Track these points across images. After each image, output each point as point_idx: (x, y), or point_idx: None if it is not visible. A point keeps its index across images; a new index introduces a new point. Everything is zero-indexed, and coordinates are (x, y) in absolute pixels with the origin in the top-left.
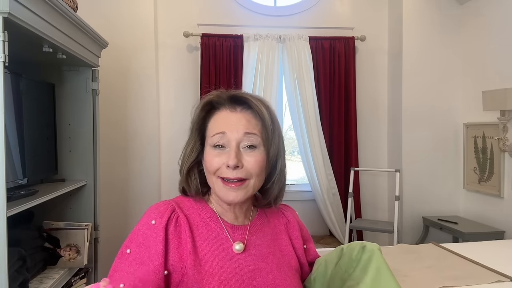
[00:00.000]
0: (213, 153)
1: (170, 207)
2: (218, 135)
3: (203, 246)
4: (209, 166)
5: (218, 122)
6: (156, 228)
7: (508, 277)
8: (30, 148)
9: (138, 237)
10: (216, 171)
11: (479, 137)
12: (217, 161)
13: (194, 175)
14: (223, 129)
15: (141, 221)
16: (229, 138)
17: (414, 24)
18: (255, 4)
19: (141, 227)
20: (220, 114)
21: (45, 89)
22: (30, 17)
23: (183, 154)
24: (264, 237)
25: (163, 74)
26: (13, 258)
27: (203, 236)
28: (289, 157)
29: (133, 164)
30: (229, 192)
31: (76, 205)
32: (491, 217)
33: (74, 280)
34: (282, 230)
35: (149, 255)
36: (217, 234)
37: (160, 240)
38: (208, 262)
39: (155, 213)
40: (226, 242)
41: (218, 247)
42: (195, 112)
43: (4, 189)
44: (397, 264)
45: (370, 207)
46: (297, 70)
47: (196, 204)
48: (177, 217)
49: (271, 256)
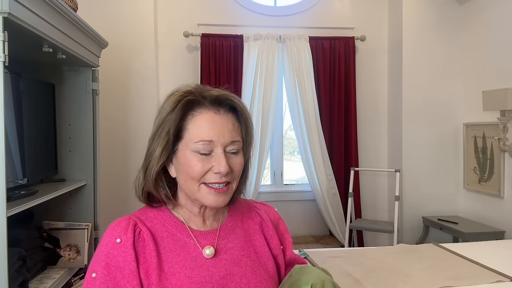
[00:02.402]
0: (197, 158)
1: (132, 221)
2: (203, 143)
3: (169, 258)
4: (192, 172)
5: (203, 126)
6: (123, 246)
7: (508, 277)
8: (30, 148)
9: (102, 259)
10: (200, 178)
11: (479, 137)
12: (202, 166)
13: (161, 180)
14: (210, 137)
15: (102, 241)
16: (215, 145)
17: (414, 24)
18: (255, 4)
19: (104, 248)
20: (202, 116)
21: (45, 89)
22: (30, 17)
23: (150, 156)
24: (236, 239)
25: (163, 74)
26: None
27: (168, 247)
28: (289, 157)
29: (133, 164)
30: (216, 198)
31: (76, 205)
32: (491, 217)
33: (74, 280)
34: (256, 230)
35: (122, 276)
36: (184, 243)
37: (132, 259)
38: (175, 274)
39: (117, 231)
40: (194, 250)
41: (185, 257)
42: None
43: (4, 189)
44: (397, 264)
45: (370, 207)
46: (297, 70)
47: (159, 214)
48: (140, 231)
49: (245, 259)
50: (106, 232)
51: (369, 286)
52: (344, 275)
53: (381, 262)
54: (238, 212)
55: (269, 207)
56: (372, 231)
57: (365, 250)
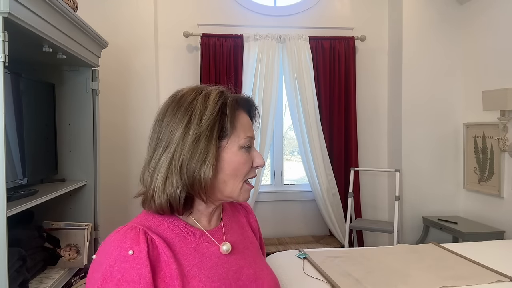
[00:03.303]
0: (245, 155)
1: (141, 231)
2: (249, 138)
3: (187, 261)
4: (242, 168)
5: (246, 124)
6: (137, 258)
7: (508, 277)
8: (30, 148)
9: (114, 275)
10: (247, 174)
11: (479, 137)
12: (249, 162)
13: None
14: (251, 134)
15: (108, 256)
16: (252, 141)
17: (414, 24)
18: (255, 4)
19: (113, 263)
20: (242, 114)
21: (45, 89)
22: (30, 17)
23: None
24: (235, 233)
25: (163, 74)
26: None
27: (183, 251)
28: (289, 157)
29: (133, 164)
30: (249, 193)
31: (76, 205)
32: (491, 217)
33: (74, 280)
34: (245, 222)
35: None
36: (196, 244)
37: (147, 271)
38: (196, 277)
39: (127, 242)
40: (207, 250)
41: (201, 258)
42: (213, 107)
43: (4, 189)
44: (397, 264)
45: (370, 207)
46: (297, 70)
47: (164, 219)
48: (152, 239)
49: (246, 250)
50: (110, 245)
51: (369, 286)
52: (344, 275)
53: (381, 262)
54: (228, 208)
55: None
56: (372, 231)
57: (365, 250)
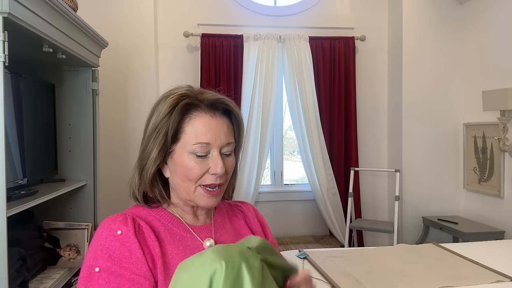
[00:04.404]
0: (194, 160)
1: (129, 216)
2: (201, 145)
3: (170, 250)
4: (190, 174)
5: (200, 129)
6: (125, 236)
7: (508, 277)
8: (30, 148)
9: (104, 252)
10: (198, 180)
11: (479, 137)
12: (200, 168)
13: (156, 180)
14: (207, 140)
15: (99, 236)
16: (212, 147)
17: (414, 24)
18: (255, 4)
19: (104, 242)
20: (199, 119)
21: (45, 89)
22: (30, 17)
23: (146, 157)
24: (227, 233)
25: (163, 74)
26: (13, 258)
27: (167, 240)
28: (289, 157)
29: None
30: (210, 199)
31: (76, 205)
32: (491, 217)
33: (74, 280)
34: (242, 225)
35: (129, 265)
36: (181, 236)
37: (137, 247)
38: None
39: (116, 224)
40: (192, 243)
41: (184, 249)
42: (165, 111)
43: (4, 189)
44: (397, 264)
45: (370, 207)
46: (297, 70)
47: (153, 211)
48: (139, 225)
49: None
50: (101, 228)
51: (369, 286)
52: (344, 275)
53: (381, 262)
54: (223, 209)
55: (247, 203)
56: (372, 231)
57: (365, 250)
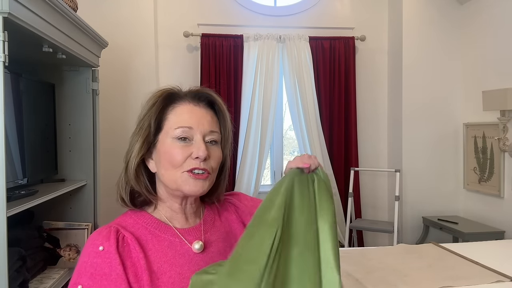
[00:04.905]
0: (176, 145)
1: (113, 229)
2: (182, 129)
3: (157, 258)
4: (172, 159)
5: (183, 115)
6: (107, 252)
7: (508, 277)
8: (30, 148)
9: (87, 269)
10: (181, 164)
11: (479, 137)
12: (182, 153)
13: (142, 174)
14: (189, 124)
15: (84, 252)
16: (194, 132)
17: (414, 24)
18: (255, 4)
19: (87, 258)
20: (182, 107)
21: (45, 89)
22: (30, 17)
23: (131, 149)
24: (217, 231)
25: (163, 74)
26: (13, 258)
27: (154, 248)
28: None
29: None
30: (196, 183)
31: (76, 205)
32: (491, 217)
33: None
34: (234, 219)
35: (109, 282)
36: (170, 242)
37: (117, 263)
38: (166, 273)
39: (99, 239)
40: (181, 247)
41: (173, 255)
42: (150, 103)
43: (4, 189)
44: (397, 264)
45: (370, 207)
46: (297, 70)
47: (139, 218)
48: (123, 237)
49: (229, 249)
50: (87, 243)
51: (369, 286)
52: (344, 275)
53: (381, 262)
54: (213, 206)
55: (236, 193)
56: (372, 231)
57: (365, 250)
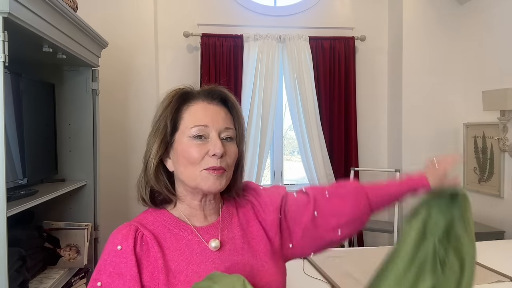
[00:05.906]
0: (193, 143)
1: (133, 227)
2: (198, 127)
3: (175, 257)
4: (190, 157)
5: (197, 113)
6: (124, 252)
7: (508, 277)
8: (30, 148)
9: (106, 267)
10: (199, 162)
11: (479, 137)
12: (199, 151)
13: (161, 173)
14: (204, 122)
15: (105, 249)
16: (210, 130)
17: (414, 24)
18: (255, 4)
19: (107, 257)
20: (196, 105)
21: (45, 89)
22: (30, 17)
23: (149, 150)
24: (235, 228)
25: (163, 74)
26: (13, 258)
27: (173, 247)
28: (289, 157)
29: (133, 164)
30: (214, 180)
31: (76, 205)
32: (491, 217)
33: (74, 280)
34: (251, 216)
35: (124, 283)
36: (187, 240)
37: (132, 264)
38: (183, 272)
39: (118, 238)
40: (198, 246)
41: (190, 254)
42: (165, 103)
43: (4, 189)
44: None
45: None
46: (297, 70)
47: (159, 216)
48: (142, 235)
49: (246, 246)
50: (108, 240)
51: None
52: (344, 275)
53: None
54: (232, 203)
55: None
56: (372, 231)
57: (365, 250)
